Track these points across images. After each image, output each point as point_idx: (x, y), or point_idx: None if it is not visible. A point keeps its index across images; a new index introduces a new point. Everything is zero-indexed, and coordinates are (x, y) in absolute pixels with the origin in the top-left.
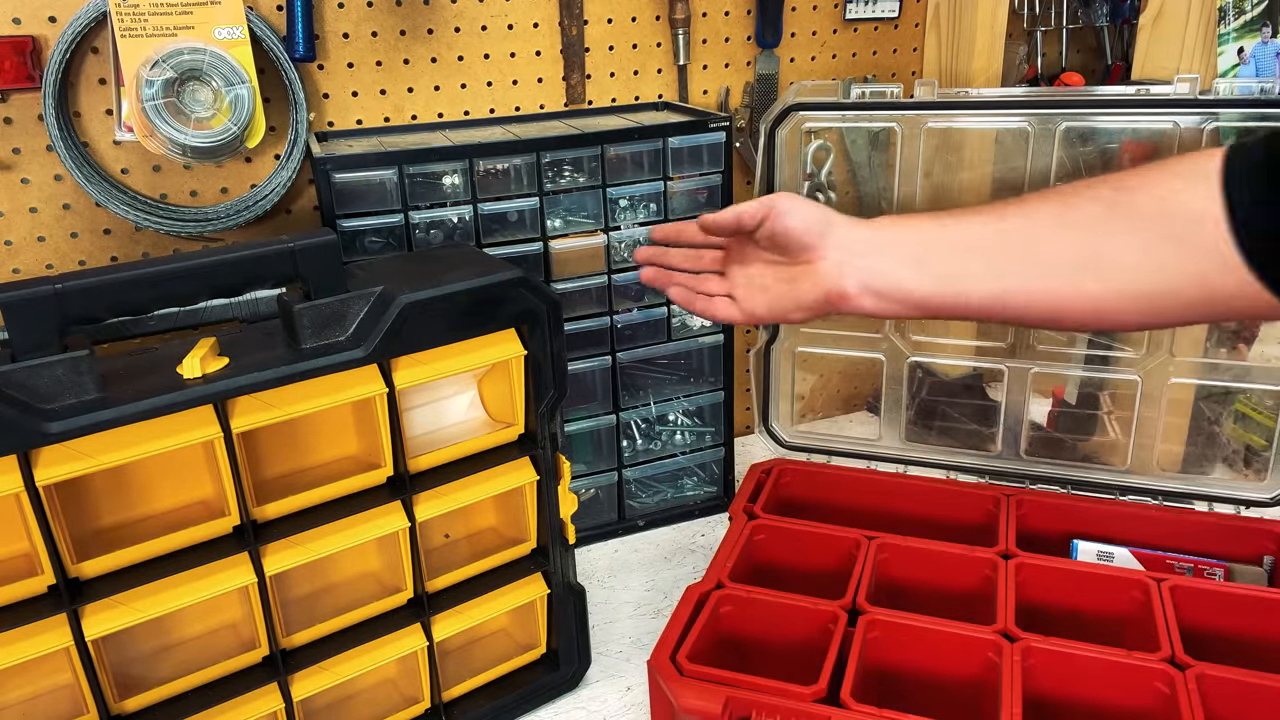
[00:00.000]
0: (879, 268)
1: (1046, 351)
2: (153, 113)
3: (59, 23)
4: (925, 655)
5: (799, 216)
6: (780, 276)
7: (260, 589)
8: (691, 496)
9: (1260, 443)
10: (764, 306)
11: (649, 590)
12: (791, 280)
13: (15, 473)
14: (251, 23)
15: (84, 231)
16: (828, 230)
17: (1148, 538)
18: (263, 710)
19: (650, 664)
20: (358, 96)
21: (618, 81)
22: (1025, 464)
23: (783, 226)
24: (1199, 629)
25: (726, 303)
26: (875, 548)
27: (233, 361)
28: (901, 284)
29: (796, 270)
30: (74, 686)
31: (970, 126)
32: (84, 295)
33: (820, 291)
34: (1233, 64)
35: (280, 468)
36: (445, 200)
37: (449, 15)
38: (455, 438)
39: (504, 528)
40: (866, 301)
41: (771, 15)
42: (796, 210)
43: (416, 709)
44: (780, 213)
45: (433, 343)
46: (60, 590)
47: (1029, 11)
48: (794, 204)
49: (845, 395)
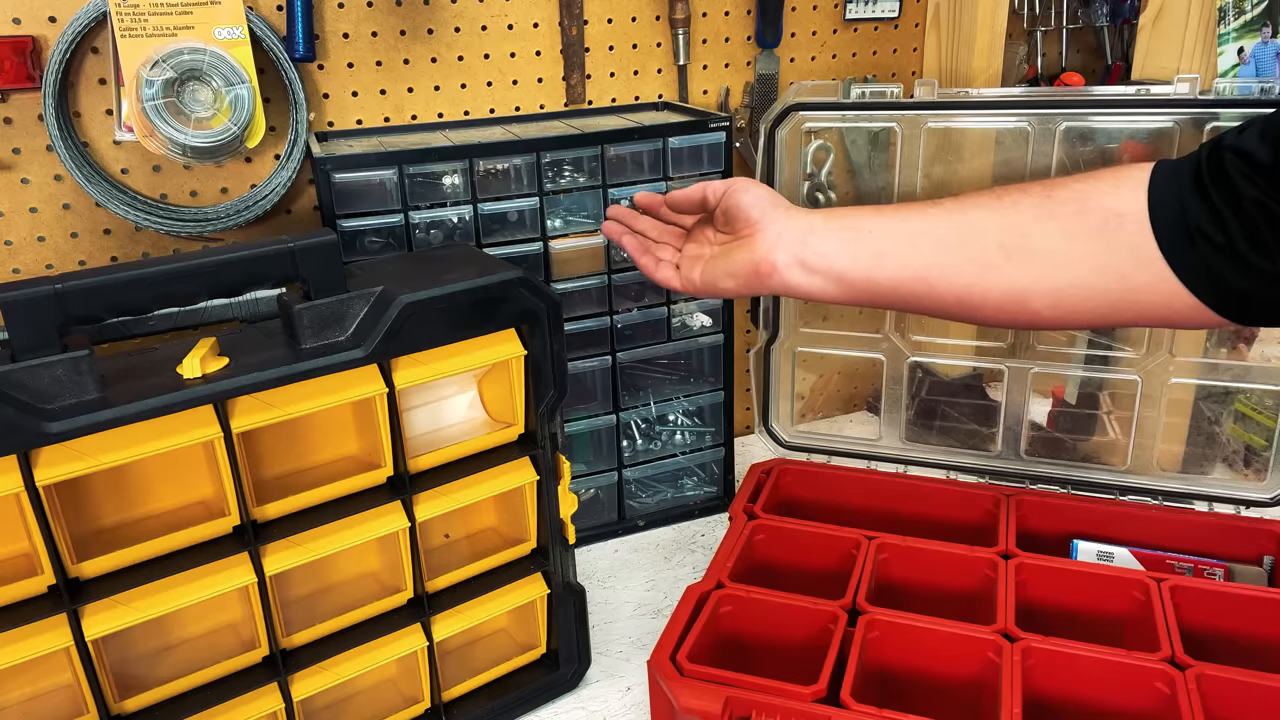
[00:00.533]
0: (811, 243)
1: (1046, 351)
2: (153, 113)
3: (59, 23)
4: (925, 655)
5: (752, 194)
6: (721, 250)
7: (260, 589)
8: (691, 496)
9: (1260, 443)
10: (698, 274)
11: (649, 590)
12: (729, 251)
13: (15, 473)
14: (251, 23)
15: (84, 231)
16: (773, 210)
17: (1148, 538)
18: (263, 710)
19: (650, 664)
20: (358, 96)
21: (618, 81)
22: (1025, 464)
23: (735, 200)
24: (1199, 629)
25: (669, 269)
26: (875, 548)
27: (233, 361)
28: (828, 258)
29: (737, 242)
30: (74, 686)
31: (970, 126)
32: (84, 295)
33: (751, 261)
34: (1233, 64)
35: (280, 468)
36: (445, 200)
37: (449, 15)
38: (455, 438)
39: (504, 528)
40: (794, 274)
41: (771, 15)
42: (751, 189)
43: (416, 709)
44: (736, 189)
45: (433, 343)
46: (60, 590)
47: (1029, 11)
48: (751, 185)
49: (845, 395)
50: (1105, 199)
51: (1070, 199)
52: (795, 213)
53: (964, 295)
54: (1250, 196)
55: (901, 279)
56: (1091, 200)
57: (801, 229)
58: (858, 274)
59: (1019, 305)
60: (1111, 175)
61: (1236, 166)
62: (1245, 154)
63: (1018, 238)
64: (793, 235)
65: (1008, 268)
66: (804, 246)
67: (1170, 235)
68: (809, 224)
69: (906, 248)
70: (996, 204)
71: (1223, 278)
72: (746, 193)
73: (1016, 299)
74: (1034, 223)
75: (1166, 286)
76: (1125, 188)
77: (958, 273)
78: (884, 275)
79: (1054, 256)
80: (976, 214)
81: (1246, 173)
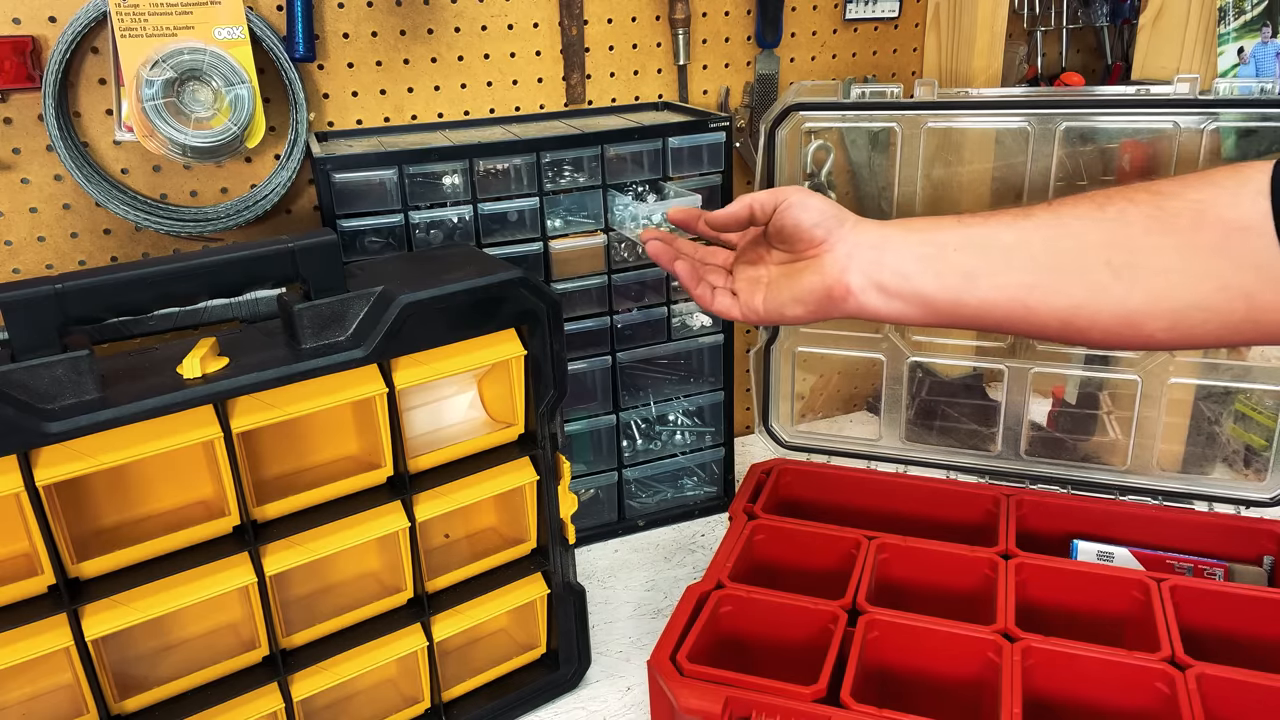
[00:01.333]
0: (888, 262)
1: (1046, 351)
2: (153, 113)
3: (59, 23)
4: (925, 655)
5: (811, 208)
6: (783, 271)
7: (260, 589)
8: (691, 496)
9: (1260, 443)
10: (761, 301)
11: (649, 590)
12: (794, 274)
13: (15, 473)
14: (251, 23)
15: (84, 231)
16: (839, 226)
17: (1148, 538)
18: (263, 710)
19: (650, 664)
20: (358, 96)
21: (618, 81)
22: (1025, 464)
23: (793, 219)
24: (1199, 629)
25: (727, 296)
26: (875, 548)
27: (233, 361)
28: (910, 280)
29: (801, 264)
30: (74, 686)
31: (970, 126)
32: (84, 295)
33: (822, 285)
34: (1233, 64)
35: (280, 468)
36: (445, 200)
37: (449, 15)
38: (455, 438)
39: (504, 528)
40: (871, 298)
41: (771, 15)
42: (809, 202)
43: (416, 709)
44: (791, 205)
45: (433, 343)
46: (60, 590)
47: (1029, 11)
48: (805, 196)
49: (845, 395)
50: (1225, 210)
51: (1184, 210)
52: (864, 226)
53: (1069, 319)
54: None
55: (995, 301)
56: (1210, 212)
57: (875, 245)
58: (944, 297)
59: (1132, 329)
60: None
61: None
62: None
63: (1127, 254)
64: (866, 254)
65: (1117, 288)
66: (880, 267)
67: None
68: (883, 238)
69: (1000, 266)
70: (1100, 215)
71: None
72: (804, 209)
73: (1128, 322)
74: (1144, 237)
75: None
76: (1246, 196)
77: (1060, 295)
78: (975, 298)
79: (1170, 276)
80: (1077, 226)
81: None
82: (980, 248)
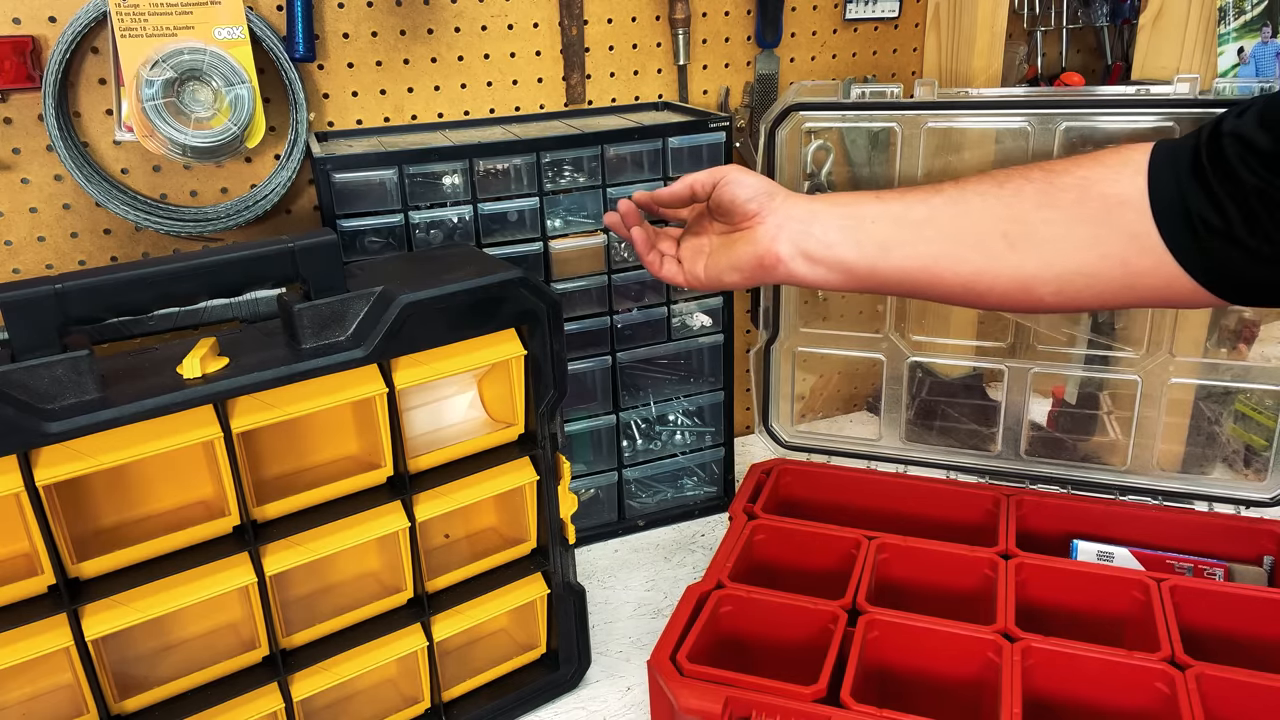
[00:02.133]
0: (814, 233)
1: (1046, 351)
2: (153, 113)
3: (59, 23)
4: (925, 655)
5: (746, 184)
6: (722, 241)
7: (260, 589)
8: (691, 496)
9: (1260, 443)
10: (702, 268)
11: (649, 590)
12: (731, 244)
13: (15, 473)
14: (251, 23)
15: (84, 231)
16: (771, 198)
17: (1148, 538)
18: (263, 710)
19: (650, 664)
20: (358, 96)
21: (618, 81)
22: (1025, 464)
23: (730, 194)
24: (1199, 629)
25: (673, 264)
26: (875, 548)
27: (233, 361)
28: (833, 249)
29: (737, 235)
30: (74, 686)
31: (970, 126)
32: (84, 295)
33: (754, 254)
34: (1233, 64)
35: (280, 468)
36: (445, 200)
37: (449, 15)
38: (455, 438)
39: (504, 528)
40: (798, 265)
41: (771, 15)
42: (744, 179)
43: (416, 709)
44: (729, 181)
45: (433, 343)
46: (60, 590)
47: (1029, 11)
48: (741, 174)
49: (845, 395)
50: (1106, 186)
51: (1072, 186)
52: (794, 200)
53: (970, 283)
54: (1250, 184)
55: (907, 268)
56: (1093, 188)
57: (803, 217)
58: (862, 264)
59: (1024, 292)
60: (1112, 160)
61: (1236, 153)
62: (1244, 140)
63: (1021, 226)
64: (795, 225)
65: (1012, 256)
66: (807, 237)
67: (1170, 221)
68: (810, 212)
69: (911, 237)
70: (999, 191)
71: (1222, 262)
72: (740, 185)
73: (1022, 286)
74: (1036, 210)
75: (1167, 271)
76: (1125, 174)
77: (963, 262)
78: (889, 265)
79: (1057, 244)
80: (979, 202)
81: (1246, 159)
82: (895, 221)
